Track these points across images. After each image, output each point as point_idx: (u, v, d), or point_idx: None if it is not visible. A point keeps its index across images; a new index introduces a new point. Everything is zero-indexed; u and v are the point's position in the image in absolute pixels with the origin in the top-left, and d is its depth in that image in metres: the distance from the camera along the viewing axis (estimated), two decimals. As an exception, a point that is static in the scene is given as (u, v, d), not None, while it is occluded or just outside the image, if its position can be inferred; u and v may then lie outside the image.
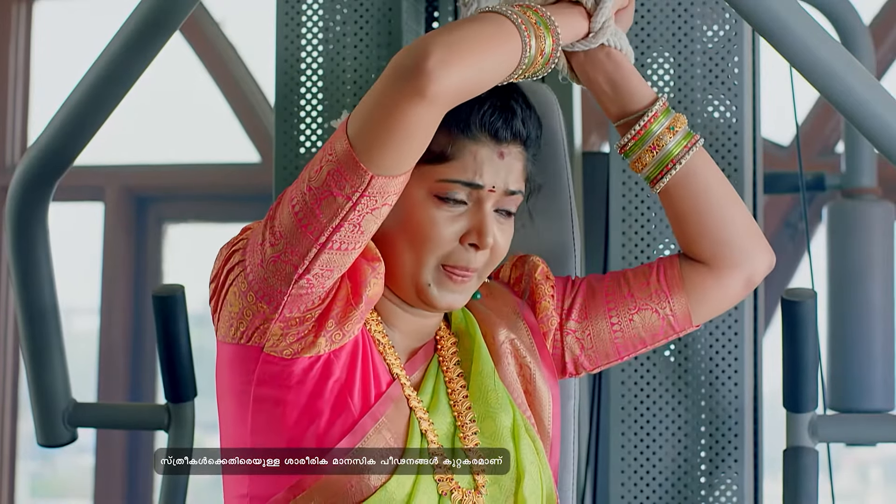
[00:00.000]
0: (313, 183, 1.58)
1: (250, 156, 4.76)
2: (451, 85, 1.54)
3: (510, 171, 1.71)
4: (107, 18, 2.69)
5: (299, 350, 1.63)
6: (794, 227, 4.36)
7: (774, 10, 1.83)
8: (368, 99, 1.57)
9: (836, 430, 2.26)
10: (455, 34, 1.56)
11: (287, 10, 2.34)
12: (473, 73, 1.56)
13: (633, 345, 1.84)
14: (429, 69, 1.52)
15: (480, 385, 1.76)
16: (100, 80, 2.16)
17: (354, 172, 1.56)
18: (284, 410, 1.64)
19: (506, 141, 1.71)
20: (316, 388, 1.63)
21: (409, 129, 1.54)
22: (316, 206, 1.57)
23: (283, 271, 1.60)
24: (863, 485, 4.84)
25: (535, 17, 1.64)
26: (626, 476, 2.27)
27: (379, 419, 1.65)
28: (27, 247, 2.33)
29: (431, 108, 1.54)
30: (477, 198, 1.70)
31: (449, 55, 1.53)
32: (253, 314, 1.63)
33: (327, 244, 1.58)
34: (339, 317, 1.64)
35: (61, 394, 2.40)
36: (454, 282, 1.70)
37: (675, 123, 1.77)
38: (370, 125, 1.55)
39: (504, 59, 1.61)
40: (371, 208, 1.58)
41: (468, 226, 1.69)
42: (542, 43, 1.64)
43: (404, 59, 1.54)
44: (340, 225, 1.58)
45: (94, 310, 4.84)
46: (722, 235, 1.80)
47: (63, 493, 5.30)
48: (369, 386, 1.66)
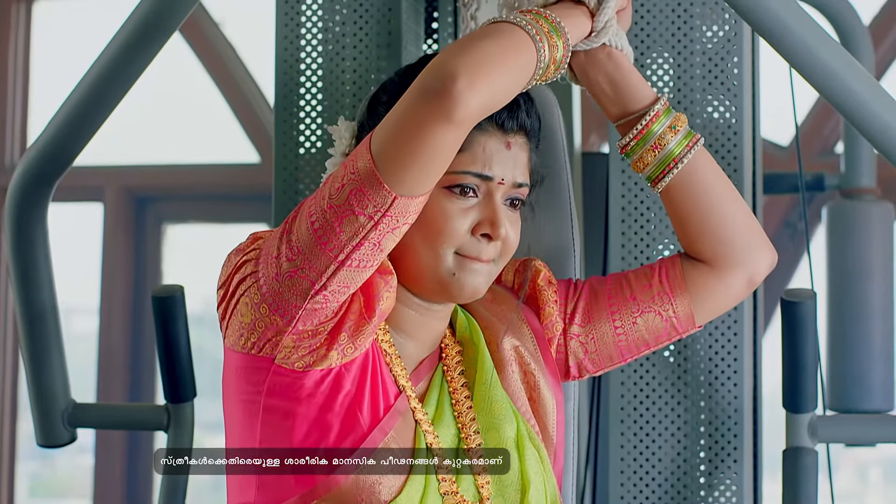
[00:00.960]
0: (334, 201, 1.57)
1: (250, 156, 4.76)
2: (477, 107, 1.54)
3: (517, 162, 1.72)
4: (106, 18, 2.69)
5: (311, 363, 1.62)
6: (793, 228, 4.36)
7: (774, 10, 1.83)
8: (393, 119, 1.56)
9: (836, 431, 2.26)
10: (477, 53, 1.55)
11: (286, 10, 2.34)
12: (498, 91, 1.57)
13: (636, 347, 1.84)
14: (456, 93, 1.51)
15: (484, 395, 1.75)
16: (99, 80, 2.16)
17: (378, 192, 1.55)
18: (294, 423, 1.63)
19: (512, 131, 1.71)
20: (326, 401, 1.63)
21: (435, 150, 1.54)
22: (336, 224, 1.57)
23: (300, 286, 1.59)
24: (862, 485, 4.84)
25: (548, 26, 1.64)
26: (625, 476, 2.27)
27: (388, 433, 1.65)
28: (27, 247, 2.33)
29: (459, 130, 1.54)
30: (487, 190, 1.70)
31: (475, 77, 1.52)
32: (265, 326, 1.62)
33: (346, 262, 1.58)
34: (352, 330, 1.63)
35: (61, 394, 2.39)
36: (479, 262, 1.70)
37: (676, 123, 1.76)
38: (395, 146, 1.54)
39: (522, 72, 1.61)
40: (392, 227, 1.57)
41: (480, 217, 1.69)
42: (555, 52, 1.64)
43: (431, 82, 1.53)
44: (360, 244, 1.57)
45: (93, 310, 4.84)
46: (724, 234, 1.79)
47: (62, 494, 5.30)
48: (378, 399, 1.66)
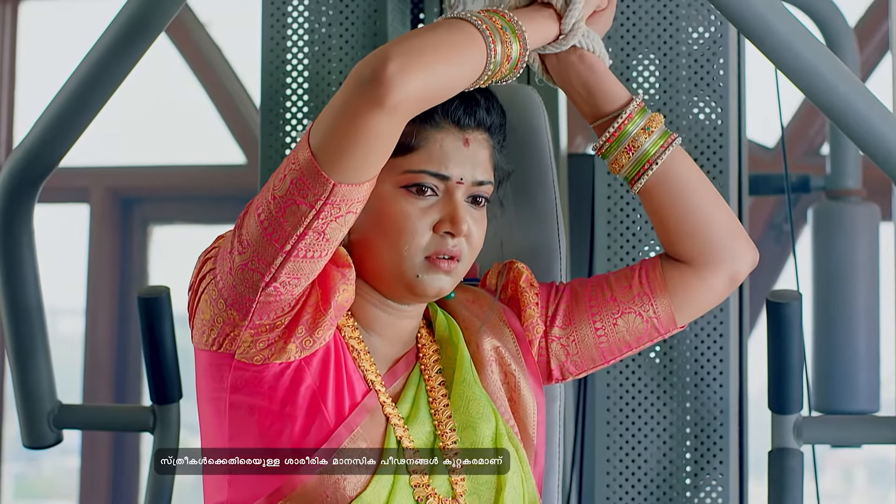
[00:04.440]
0: (277, 192, 1.57)
1: (236, 157, 4.76)
2: (412, 93, 1.53)
3: (476, 160, 1.70)
4: (93, 19, 2.69)
5: (269, 356, 1.63)
6: (779, 229, 4.37)
7: (759, 12, 1.84)
8: (329, 108, 1.56)
9: (821, 432, 2.26)
10: (415, 41, 1.55)
11: (272, 11, 2.34)
12: (435, 80, 1.56)
13: (618, 349, 1.83)
14: (387, 78, 1.51)
15: (462, 394, 1.75)
16: (85, 81, 2.15)
17: (317, 181, 1.55)
18: (258, 417, 1.63)
19: (470, 128, 1.70)
20: (287, 394, 1.63)
21: (370, 138, 1.54)
22: (280, 215, 1.57)
23: (251, 279, 1.60)
24: (847, 486, 4.85)
25: (502, 22, 1.63)
26: (611, 477, 2.27)
27: (354, 430, 1.64)
28: (12, 248, 2.33)
29: (392, 117, 1.53)
30: (446, 188, 1.69)
31: (408, 63, 1.52)
32: (223, 321, 1.63)
33: (293, 252, 1.58)
34: (309, 323, 1.63)
35: (46, 395, 2.39)
36: (441, 268, 1.69)
37: (650, 123, 1.76)
38: (331, 135, 1.54)
39: (468, 66, 1.60)
40: (335, 216, 1.57)
41: (441, 215, 1.68)
42: (507, 48, 1.63)
43: (363, 68, 1.53)
44: (305, 233, 1.57)
45: (79, 311, 4.84)
46: (703, 233, 1.79)
47: (48, 495, 5.30)
48: (343, 394, 1.66)
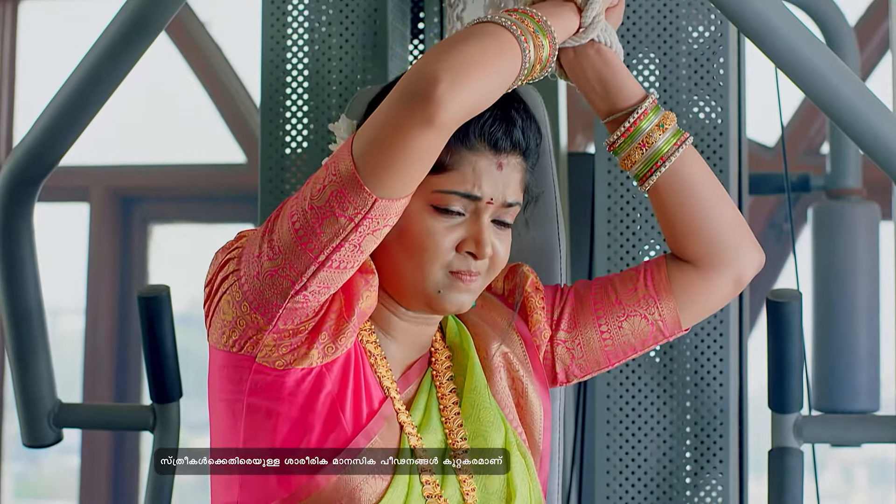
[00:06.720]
0: (315, 202, 1.56)
1: (236, 156, 4.75)
2: (459, 110, 1.53)
3: (508, 182, 1.69)
4: (92, 19, 2.69)
5: (291, 361, 1.62)
6: (779, 228, 4.36)
7: (760, 11, 1.83)
8: (375, 122, 1.55)
9: (821, 431, 2.26)
10: (459, 57, 1.54)
11: (273, 10, 2.34)
12: (480, 94, 1.55)
13: (623, 351, 1.82)
14: (438, 97, 1.50)
15: (473, 402, 1.74)
16: (85, 80, 2.15)
17: (358, 194, 1.55)
18: (276, 422, 1.63)
19: (505, 151, 1.69)
20: (307, 401, 1.62)
21: (416, 154, 1.54)
22: (317, 225, 1.56)
23: (280, 286, 1.59)
24: (847, 485, 4.85)
25: (533, 25, 1.62)
26: (611, 476, 2.27)
27: (372, 438, 1.64)
28: (12, 247, 2.33)
29: (440, 134, 1.53)
30: (474, 209, 1.68)
31: (457, 81, 1.51)
32: (247, 324, 1.62)
33: (326, 262, 1.57)
34: (333, 330, 1.63)
35: (46, 394, 2.39)
36: (463, 282, 1.68)
37: (664, 121, 1.75)
38: (376, 149, 1.54)
39: (506, 74, 1.59)
40: (372, 230, 1.57)
41: (465, 235, 1.67)
42: (540, 51, 1.62)
43: (413, 85, 1.52)
44: (341, 245, 1.57)
45: (79, 310, 4.84)
46: (711, 234, 1.78)
47: (48, 494, 5.30)
48: (360, 401, 1.65)
